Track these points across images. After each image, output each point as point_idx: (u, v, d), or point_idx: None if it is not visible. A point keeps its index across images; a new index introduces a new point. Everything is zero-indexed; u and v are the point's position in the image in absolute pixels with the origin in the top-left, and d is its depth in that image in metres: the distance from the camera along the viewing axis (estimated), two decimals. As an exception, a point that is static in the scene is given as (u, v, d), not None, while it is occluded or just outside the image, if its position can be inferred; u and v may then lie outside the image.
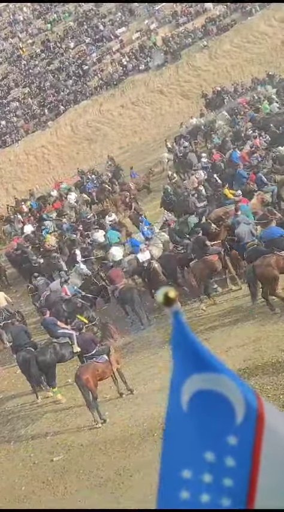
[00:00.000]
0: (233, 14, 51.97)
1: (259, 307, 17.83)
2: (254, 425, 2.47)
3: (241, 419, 2.46)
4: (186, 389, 2.48)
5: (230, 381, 2.48)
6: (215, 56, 51.03)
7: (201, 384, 2.47)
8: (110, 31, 57.86)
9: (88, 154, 51.55)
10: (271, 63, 47.73)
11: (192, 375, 2.47)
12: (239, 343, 16.25)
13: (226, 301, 19.48)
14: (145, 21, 56.43)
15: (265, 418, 2.47)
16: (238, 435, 2.46)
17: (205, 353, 2.48)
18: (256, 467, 2.47)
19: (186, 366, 2.48)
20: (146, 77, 52.64)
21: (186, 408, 2.48)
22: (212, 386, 2.48)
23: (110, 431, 15.31)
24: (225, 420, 2.47)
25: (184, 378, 2.48)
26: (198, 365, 2.47)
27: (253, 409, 2.47)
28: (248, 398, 2.48)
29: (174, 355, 2.52)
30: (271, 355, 14.93)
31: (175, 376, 2.52)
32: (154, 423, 14.33)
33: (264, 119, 34.45)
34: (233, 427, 2.47)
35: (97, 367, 15.97)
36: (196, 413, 2.48)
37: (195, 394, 2.48)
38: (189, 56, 51.79)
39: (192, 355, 2.47)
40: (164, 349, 17.76)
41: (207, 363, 2.48)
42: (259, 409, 2.47)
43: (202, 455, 2.44)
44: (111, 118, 52.74)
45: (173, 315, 2.45)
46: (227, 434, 2.46)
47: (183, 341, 2.47)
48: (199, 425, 2.47)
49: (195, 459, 2.44)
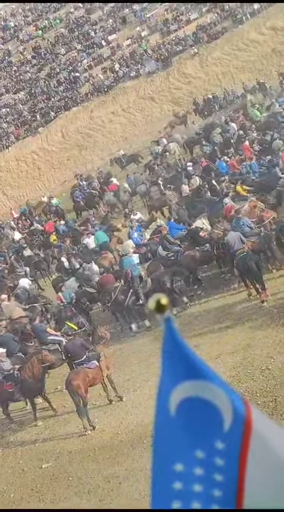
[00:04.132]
0: (224, 21, 52.12)
1: (249, 314, 17.88)
2: (241, 433, 2.49)
3: (228, 427, 2.48)
4: (174, 396, 2.49)
5: (219, 389, 2.49)
6: (206, 63, 51.15)
7: (189, 391, 2.48)
8: (101, 38, 57.95)
9: (78, 161, 51.54)
10: (262, 70, 47.90)
11: (182, 382, 2.48)
12: (229, 350, 16.28)
13: (216, 308, 19.51)
14: (136, 28, 56.55)
15: (253, 427, 2.48)
16: (226, 442, 2.48)
17: (195, 360, 2.49)
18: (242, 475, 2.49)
19: (176, 373, 2.49)
20: (137, 83, 52.71)
21: (174, 413, 2.49)
22: (200, 393, 2.49)
23: (99, 438, 15.29)
24: (212, 427, 2.49)
25: (173, 385, 2.49)
26: (187, 372, 2.48)
27: (240, 418, 2.48)
28: (236, 407, 2.49)
29: (163, 362, 2.52)
30: (261, 362, 14.96)
31: (163, 383, 2.52)
32: (143, 430, 14.31)
33: None
34: (221, 434, 2.49)
35: (87, 373, 15.97)
36: (184, 419, 2.49)
37: (183, 401, 2.49)
38: (180, 63, 51.90)
39: (182, 362, 2.48)
40: (154, 356, 17.77)
41: (197, 370, 2.49)
42: (247, 418, 2.49)
43: (193, 452, 2.47)
44: (101, 124, 52.77)
45: (165, 322, 2.46)
46: (215, 440, 2.48)
47: (173, 348, 2.48)
48: (187, 428, 2.48)
49: (186, 455, 2.46)
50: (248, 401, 2.56)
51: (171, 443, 2.49)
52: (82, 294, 22.22)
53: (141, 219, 27.74)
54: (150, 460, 2.52)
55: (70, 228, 33.24)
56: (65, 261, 26.38)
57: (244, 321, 17.63)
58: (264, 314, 17.41)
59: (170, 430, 2.50)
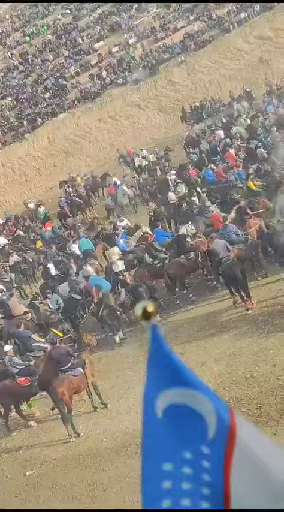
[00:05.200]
0: (211, 30, 52.35)
1: (234, 322, 17.92)
2: (225, 441, 2.51)
3: (213, 435, 2.50)
4: (160, 402, 2.50)
5: (204, 397, 2.51)
6: (193, 71, 51.33)
7: (174, 398, 2.50)
8: (88, 45, 58.03)
9: (65, 167, 51.48)
10: (248, 79, 48.13)
11: (167, 389, 2.50)
12: (214, 358, 16.30)
13: (201, 316, 19.54)
14: (123, 36, 56.69)
15: (237, 435, 2.50)
16: (210, 448, 2.51)
17: (180, 367, 2.51)
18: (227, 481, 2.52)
19: (161, 379, 2.50)
20: (124, 90, 52.80)
21: (160, 416, 2.51)
22: (185, 401, 2.51)
23: (84, 446, 15.25)
24: (197, 434, 2.51)
25: (158, 391, 2.51)
26: (172, 379, 2.49)
27: (224, 426, 2.50)
28: (220, 415, 2.51)
29: (148, 369, 2.53)
30: (246, 370, 14.99)
31: (148, 389, 2.54)
32: (127, 437, 14.29)
33: None
34: (206, 440, 2.51)
35: (72, 380, 15.92)
36: (171, 422, 2.51)
37: (168, 406, 2.51)
38: (167, 71, 52.05)
39: (167, 369, 2.49)
40: (139, 363, 17.76)
41: (182, 377, 2.50)
42: (231, 426, 2.51)
43: (181, 452, 2.49)
44: (88, 131, 52.79)
45: (151, 329, 2.48)
46: (201, 445, 2.51)
47: (159, 355, 2.49)
48: (174, 431, 2.51)
49: (174, 454, 2.49)
50: (233, 410, 2.58)
51: (159, 443, 2.51)
52: (69, 300, 22.17)
53: (127, 225, 27.73)
54: (134, 467, 2.54)
55: (56, 234, 33.22)
56: (52, 267, 26.32)
57: (229, 328, 17.67)
58: (249, 322, 17.46)
59: (158, 431, 2.52)
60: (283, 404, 12.94)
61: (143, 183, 35.21)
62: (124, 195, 34.61)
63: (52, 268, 26.29)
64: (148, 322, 2.48)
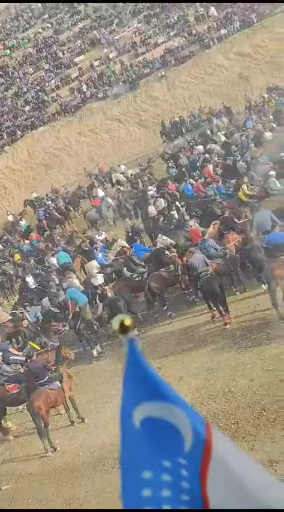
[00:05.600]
0: (191, 46, 52.77)
1: (212, 336, 17.93)
2: (201, 455, 2.54)
3: (189, 448, 2.53)
4: (137, 415, 2.53)
5: (180, 411, 2.54)
6: (173, 86, 51.65)
7: (150, 412, 2.53)
8: (69, 59, 58.17)
9: (44, 180, 51.44)
10: (228, 95, 48.50)
11: (143, 402, 2.52)
12: (192, 372, 16.29)
13: (179, 330, 19.53)
14: (104, 50, 56.92)
15: (213, 448, 2.53)
16: (187, 460, 2.53)
17: (157, 381, 2.53)
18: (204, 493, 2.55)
19: (138, 393, 2.53)
20: (104, 105, 52.97)
21: (138, 427, 2.54)
22: (162, 415, 2.53)
23: (60, 460, 15.14)
24: (174, 446, 2.54)
25: (135, 404, 2.53)
26: (149, 393, 2.52)
27: (200, 440, 2.53)
28: (197, 429, 2.53)
29: (125, 382, 2.55)
30: (223, 385, 14.99)
31: (125, 403, 2.56)
32: (104, 452, 14.22)
33: None
34: (183, 453, 2.55)
35: (49, 394, 15.83)
36: (148, 433, 2.54)
37: (145, 420, 2.53)
38: (147, 86, 52.33)
39: (144, 383, 2.51)
40: (117, 377, 17.70)
41: (159, 391, 2.52)
42: (208, 439, 2.54)
43: (160, 461, 2.53)
44: (68, 144, 52.84)
45: (128, 343, 2.49)
46: (178, 456, 2.54)
47: (136, 369, 2.51)
48: (152, 441, 2.54)
49: (154, 463, 2.52)
50: (210, 424, 2.60)
51: (138, 452, 2.53)
52: (47, 313, 22.09)
53: (105, 239, 27.71)
54: (111, 481, 2.55)
55: (34, 247, 33.13)
56: (30, 280, 26.21)
57: (207, 343, 17.67)
58: (227, 337, 17.47)
59: (136, 441, 2.54)
60: (260, 419, 12.94)
61: (125, 196, 35.20)
62: (109, 207, 34.57)
63: (30, 281, 26.19)
64: (125, 336, 2.49)
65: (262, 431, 12.50)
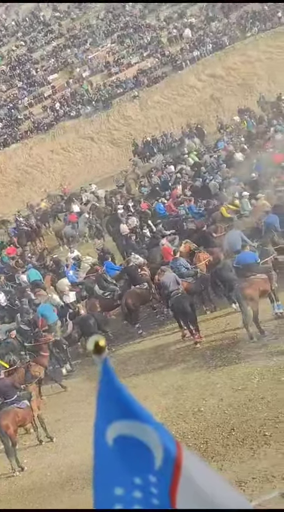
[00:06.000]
0: (164, 67, 53.18)
1: (182, 355, 17.94)
2: (171, 472, 2.59)
3: (159, 466, 2.57)
4: (110, 433, 2.58)
5: (152, 430, 2.58)
6: (145, 106, 51.96)
7: (123, 430, 2.58)
8: (42, 77, 58.25)
9: (17, 197, 51.25)
10: (200, 116, 48.90)
11: (116, 421, 2.57)
12: (162, 391, 16.26)
13: (150, 349, 19.51)
14: (77, 69, 57.10)
15: (182, 466, 2.56)
16: (157, 477, 2.59)
17: (130, 401, 2.59)
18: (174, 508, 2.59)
19: (111, 412, 2.57)
20: (77, 123, 53.08)
21: (111, 444, 2.58)
22: (133, 433, 2.58)
23: (28, 480, 14.98)
24: (145, 464, 2.58)
25: (108, 423, 2.58)
26: (122, 412, 2.56)
27: (171, 458, 2.57)
28: (167, 447, 2.57)
29: (98, 401, 2.60)
30: (193, 404, 14.98)
31: (98, 421, 2.60)
32: (73, 472, 14.10)
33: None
34: (153, 470, 2.59)
35: (17, 413, 15.67)
36: (120, 451, 2.58)
37: (117, 438, 2.58)
38: (120, 105, 52.57)
39: (117, 402, 2.56)
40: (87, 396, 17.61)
41: (131, 410, 2.58)
42: (177, 458, 2.57)
43: (131, 478, 2.58)
44: (40, 162, 52.79)
45: (102, 363, 2.52)
46: (148, 474, 2.59)
47: (109, 388, 2.56)
48: (124, 459, 2.58)
49: (125, 480, 2.57)
50: (180, 442, 2.62)
51: (110, 469, 2.58)
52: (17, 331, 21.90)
53: (77, 256, 27.62)
54: (79, 502, 2.57)
55: (5, 264, 32.90)
56: (1, 297, 25.95)
57: (177, 362, 17.67)
58: (197, 356, 17.50)
59: (108, 458, 2.59)
60: (228, 439, 12.95)
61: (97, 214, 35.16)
62: (86, 223, 34.45)
63: (1, 298, 25.96)
64: (99, 356, 2.52)
65: (231, 451, 12.51)
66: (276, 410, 13.20)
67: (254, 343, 16.57)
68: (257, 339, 16.63)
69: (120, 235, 29.05)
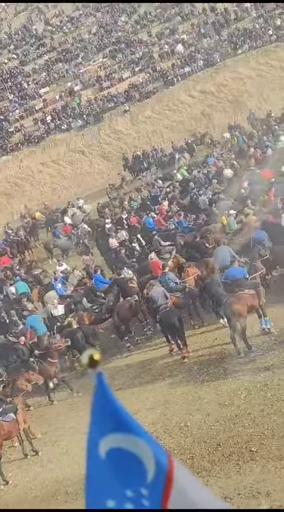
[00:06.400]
0: (155, 82, 53.44)
1: (169, 370, 17.91)
2: (163, 485, 2.64)
3: (151, 478, 2.64)
4: (103, 445, 2.62)
5: (144, 443, 2.63)
6: (136, 120, 52.16)
7: (116, 443, 2.62)
8: (34, 90, 58.39)
9: (6, 209, 51.23)
10: (190, 131, 49.12)
11: (109, 433, 2.62)
12: (148, 406, 16.22)
13: (137, 363, 19.48)
14: (68, 83, 57.27)
15: (174, 479, 2.62)
16: (149, 490, 2.63)
17: (123, 414, 2.63)
18: None
19: (104, 424, 2.61)
20: (68, 136, 53.20)
21: (104, 457, 2.62)
22: (126, 446, 2.63)
23: (12, 493, 14.87)
24: (137, 476, 2.62)
25: (102, 435, 2.62)
26: (115, 425, 2.61)
27: (162, 471, 2.64)
28: (159, 460, 2.63)
29: (92, 414, 2.64)
30: (179, 419, 14.95)
31: (92, 433, 2.64)
32: (58, 486, 14.03)
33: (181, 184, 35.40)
34: (145, 483, 2.63)
35: (3, 426, 15.57)
36: (113, 463, 2.62)
37: (111, 449, 2.62)
38: (111, 119, 52.74)
39: (110, 415, 2.61)
40: (73, 410, 17.57)
41: (124, 423, 2.62)
42: (169, 470, 2.63)
43: (123, 490, 2.61)
44: (30, 174, 52.81)
45: (96, 377, 2.60)
46: (140, 486, 2.63)
47: (103, 401, 2.61)
48: (116, 472, 2.62)
49: (117, 492, 2.61)
50: (171, 455, 2.66)
51: (103, 481, 2.62)
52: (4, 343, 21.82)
53: (66, 270, 27.59)
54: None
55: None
56: None
57: (165, 376, 17.65)
58: (184, 370, 17.48)
59: (101, 470, 2.63)
60: (214, 454, 12.93)
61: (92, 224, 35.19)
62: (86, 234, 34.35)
63: None
64: (93, 369, 2.60)
65: (216, 466, 12.48)
66: (262, 426, 13.20)
67: (242, 358, 16.57)
68: (245, 355, 16.63)
69: (109, 249, 29.04)
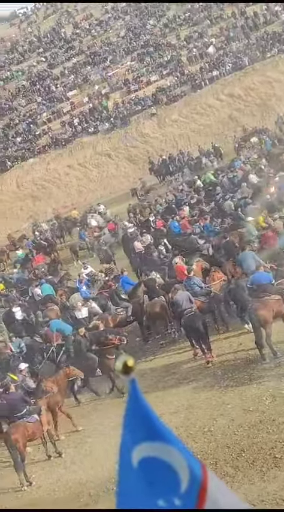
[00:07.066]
0: (183, 85, 53.44)
1: (193, 374, 17.85)
2: (197, 495, 2.59)
3: (185, 488, 2.59)
4: (136, 454, 2.58)
5: (177, 452, 2.60)
6: (163, 124, 52.20)
7: (149, 451, 2.58)
8: (62, 93, 58.68)
9: (32, 212, 51.54)
10: (217, 135, 49.02)
11: (143, 442, 2.58)
12: (172, 410, 16.17)
13: (161, 367, 19.44)
14: (95, 86, 57.48)
15: (208, 489, 2.59)
16: (182, 500, 2.58)
17: (157, 422, 2.61)
18: None
19: (137, 432, 2.58)
20: (94, 139, 53.38)
21: (136, 466, 2.59)
22: (160, 455, 2.59)
23: (35, 495, 14.90)
24: (171, 486, 2.59)
25: (134, 443, 2.59)
26: (149, 433, 2.58)
27: (197, 480, 2.60)
28: (193, 470, 2.60)
29: (125, 421, 2.61)
30: (203, 424, 14.88)
31: (124, 440, 2.61)
32: (81, 488, 14.03)
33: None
34: (178, 493, 2.59)
35: (27, 427, 15.62)
36: (146, 472, 2.59)
37: (143, 459, 2.58)
38: (138, 123, 52.83)
39: (144, 423, 2.58)
40: (96, 412, 17.58)
41: (157, 432, 2.60)
42: (203, 481, 2.60)
43: (155, 500, 2.57)
44: (57, 177, 53.07)
45: (130, 383, 2.58)
46: (173, 496, 2.58)
47: (137, 409, 2.59)
48: (149, 481, 2.59)
49: (149, 502, 2.57)
50: (205, 465, 2.64)
51: (135, 490, 2.59)
52: (32, 344, 21.91)
53: (91, 272, 27.64)
54: None
55: (20, 277, 33.03)
56: (17, 311, 25.91)
57: (189, 381, 17.59)
58: (209, 375, 17.40)
59: (133, 479, 2.60)
60: (238, 460, 12.85)
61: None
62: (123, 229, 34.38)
63: (17, 312, 25.92)
64: (127, 376, 2.57)
65: (240, 472, 12.40)
66: (287, 433, 13.09)
67: (267, 364, 16.45)
68: (270, 360, 16.51)
69: (134, 252, 29.01)
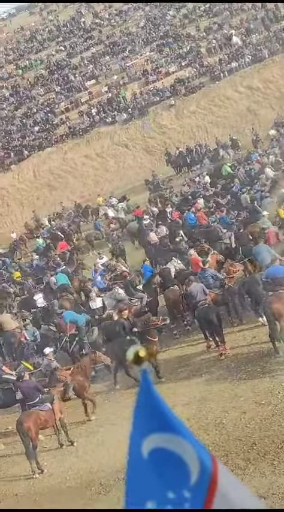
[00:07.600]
0: (201, 77, 53.19)
1: (206, 366, 17.85)
2: (207, 487, 2.57)
3: (195, 481, 2.57)
4: (146, 445, 2.56)
5: (188, 444, 2.57)
6: (181, 115, 52.02)
7: (159, 443, 2.56)
8: (80, 82, 58.65)
9: (48, 201, 51.64)
10: (235, 127, 48.81)
11: (153, 433, 2.56)
12: (184, 402, 16.18)
13: (174, 358, 19.45)
14: (114, 76, 57.39)
15: (218, 482, 2.57)
16: (191, 493, 2.56)
17: (167, 413, 2.58)
18: None
19: (148, 423, 2.56)
20: (112, 130, 53.33)
21: (146, 456, 2.57)
22: (170, 446, 2.56)
23: (47, 483, 15.00)
24: (180, 478, 2.57)
25: (145, 434, 2.57)
26: (159, 424, 2.56)
27: (207, 473, 2.57)
28: (203, 462, 2.58)
29: (135, 412, 2.59)
30: (215, 416, 14.89)
31: (134, 431, 2.59)
32: (92, 477, 14.10)
33: None
34: (188, 485, 2.57)
35: (40, 416, 15.71)
36: (155, 463, 2.57)
37: (153, 449, 2.57)
38: (156, 114, 52.70)
39: (154, 414, 2.56)
40: (108, 402, 17.64)
41: (168, 423, 2.57)
42: (213, 473, 2.58)
43: (164, 492, 2.55)
44: (74, 167, 53.09)
45: (142, 374, 2.56)
46: (183, 489, 2.57)
47: (148, 400, 2.56)
48: (159, 472, 2.57)
49: (158, 493, 2.55)
50: (216, 458, 2.62)
51: (144, 482, 2.57)
52: (46, 332, 21.99)
53: (106, 262, 27.65)
54: (95, 507, 2.56)
55: (37, 266, 33.14)
56: (39, 298, 25.95)
57: (201, 373, 17.59)
58: (222, 367, 17.40)
59: (143, 470, 2.58)
60: (250, 453, 12.85)
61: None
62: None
63: (39, 299, 25.98)
64: (139, 366, 2.54)
65: (251, 465, 12.40)
66: (299, 427, 13.08)
67: (280, 357, 16.41)
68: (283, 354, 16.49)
69: (149, 243, 29.00)
